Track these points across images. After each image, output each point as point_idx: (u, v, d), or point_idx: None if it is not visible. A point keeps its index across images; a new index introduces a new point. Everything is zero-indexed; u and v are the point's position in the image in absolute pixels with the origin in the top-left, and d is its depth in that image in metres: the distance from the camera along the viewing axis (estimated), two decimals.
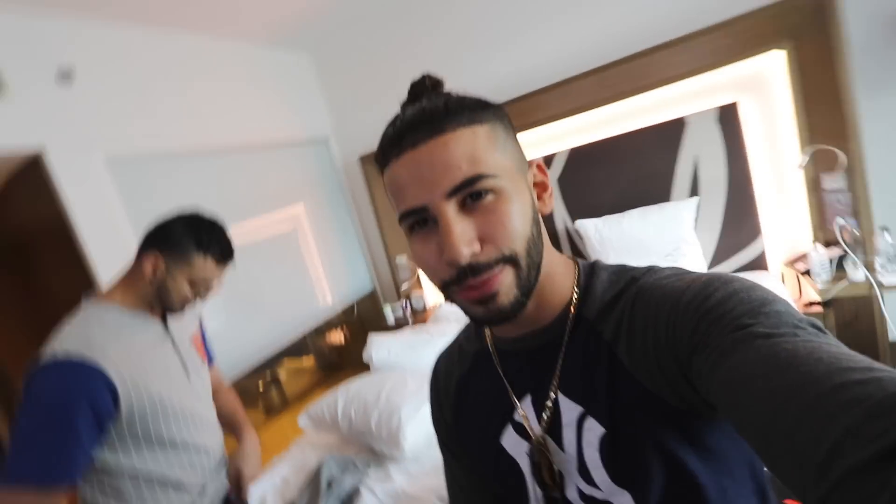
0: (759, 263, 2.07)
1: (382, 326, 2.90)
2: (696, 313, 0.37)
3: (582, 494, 0.46)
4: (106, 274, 1.72)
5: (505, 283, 0.41)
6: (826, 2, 1.62)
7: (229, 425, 1.16)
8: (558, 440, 0.47)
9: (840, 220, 1.80)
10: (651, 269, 0.46)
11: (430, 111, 0.41)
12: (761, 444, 0.30)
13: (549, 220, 2.44)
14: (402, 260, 3.00)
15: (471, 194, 0.40)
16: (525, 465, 0.50)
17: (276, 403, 3.30)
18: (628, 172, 2.22)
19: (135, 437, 0.87)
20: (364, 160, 2.83)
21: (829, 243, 1.86)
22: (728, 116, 1.97)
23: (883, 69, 1.76)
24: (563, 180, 2.37)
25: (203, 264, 0.93)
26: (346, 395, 1.61)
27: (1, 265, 2.57)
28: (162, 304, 0.95)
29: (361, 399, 1.55)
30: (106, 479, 0.87)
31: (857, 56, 1.69)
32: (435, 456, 1.43)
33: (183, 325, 1.06)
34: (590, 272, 0.49)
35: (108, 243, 1.74)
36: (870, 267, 1.72)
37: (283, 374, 3.55)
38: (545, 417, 0.48)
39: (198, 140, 2.15)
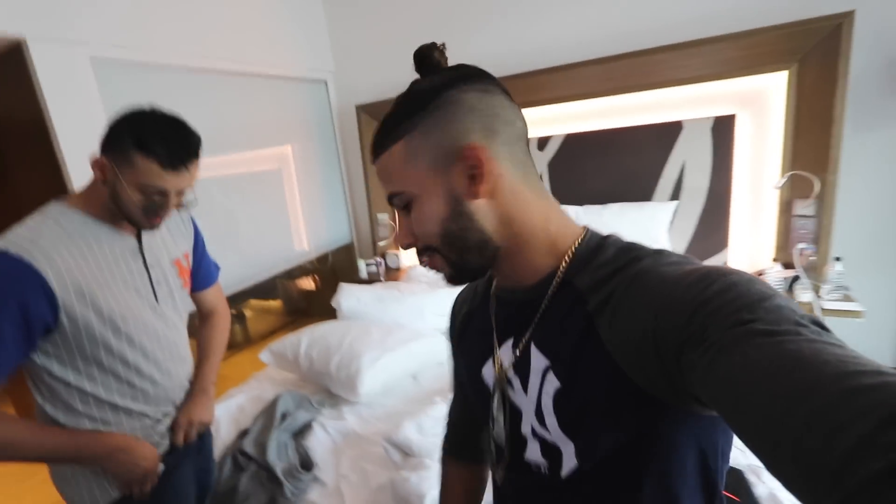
0: None
1: (355, 279, 2.93)
2: (692, 304, 0.37)
3: (534, 432, 0.52)
4: (80, 181, 1.68)
5: (438, 264, 0.53)
6: (842, 29, 1.65)
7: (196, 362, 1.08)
8: (524, 383, 0.53)
9: (801, 245, 1.91)
10: (658, 253, 0.47)
11: (375, 135, 0.51)
12: (765, 448, 0.29)
13: None
14: (384, 218, 3.01)
15: (396, 203, 0.51)
16: (496, 395, 0.58)
17: (238, 340, 3.32)
18: (617, 167, 2.27)
19: (83, 354, 0.83)
20: (361, 109, 2.78)
21: (787, 265, 1.97)
22: (723, 127, 2.02)
23: (874, 108, 1.83)
24: (553, 164, 2.40)
25: (148, 168, 0.81)
26: (310, 337, 1.66)
27: None
28: (123, 214, 0.85)
29: (325, 342, 1.60)
30: (56, 390, 0.84)
31: (854, 90, 1.75)
32: (388, 404, 1.51)
33: (165, 243, 0.98)
34: (596, 245, 0.50)
35: (86, 148, 1.69)
36: (817, 291, 1.85)
37: (248, 311, 3.57)
38: (513, 360, 0.54)
39: (191, 57, 2.07)
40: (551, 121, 2.38)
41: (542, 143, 2.39)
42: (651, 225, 2.14)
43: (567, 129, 2.35)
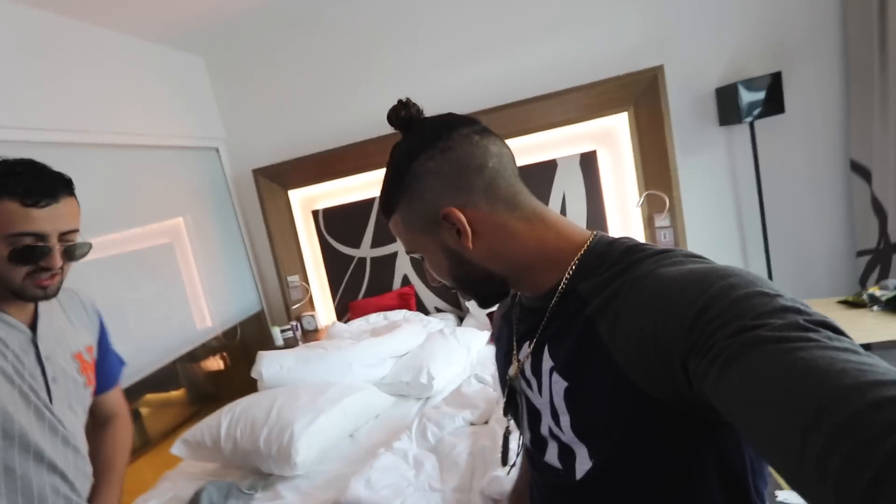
0: None
1: (270, 349, 2.75)
2: (691, 308, 0.36)
3: (551, 432, 0.54)
4: None
5: (463, 296, 0.66)
6: (657, 78, 2.10)
7: (95, 474, 0.93)
8: (539, 383, 0.55)
9: None
10: (662, 252, 0.46)
11: (379, 203, 0.60)
12: (786, 464, 0.28)
13: None
14: (295, 280, 2.92)
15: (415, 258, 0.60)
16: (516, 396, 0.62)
17: (135, 444, 2.86)
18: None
19: None
20: (258, 172, 2.73)
21: None
22: (588, 161, 2.38)
23: (693, 134, 2.31)
24: None
25: (8, 211, 0.70)
26: (230, 415, 1.52)
27: None
28: (9, 291, 0.75)
29: (249, 417, 1.48)
30: None
31: (676, 122, 2.20)
32: (328, 470, 1.43)
33: (64, 334, 0.87)
34: (602, 250, 0.50)
35: None
36: None
37: (144, 409, 3.12)
38: (527, 363, 0.57)
39: (64, 132, 1.90)
40: None
41: None
42: None
43: None
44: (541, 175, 2.45)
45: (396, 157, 0.55)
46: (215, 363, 3.37)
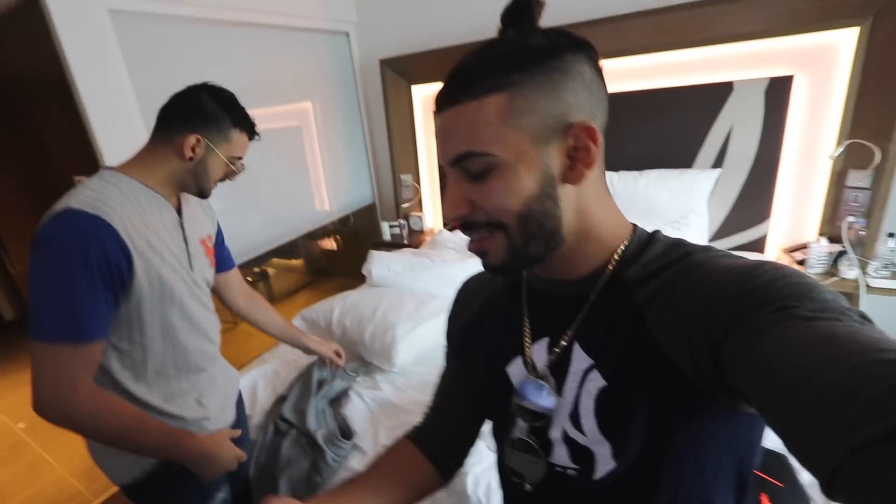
0: (757, 246, 2.10)
1: (377, 241, 2.91)
2: (740, 291, 0.37)
3: (565, 436, 0.50)
4: (105, 137, 1.63)
5: (495, 246, 0.47)
6: None
7: (283, 330, 1.29)
8: (560, 384, 0.50)
9: (850, 219, 1.81)
10: (706, 248, 0.46)
11: (455, 77, 0.43)
12: (780, 417, 0.30)
13: None
14: (407, 179, 2.94)
15: (469, 166, 0.44)
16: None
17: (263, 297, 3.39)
18: (658, 131, 2.14)
19: (139, 319, 0.85)
20: (385, 63, 2.63)
21: (832, 239, 1.88)
22: (778, 90, 1.87)
23: None
24: None
25: (240, 140, 0.94)
26: (342, 305, 1.66)
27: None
28: (197, 186, 0.93)
29: (358, 311, 1.60)
30: (116, 361, 0.86)
31: None
32: (422, 373, 1.52)
33: (196, 221, 1.02)
34: (645, 241, 0.49)
35: (109, 105, 1.64)
36: (864, 268, 1.77)
37: (271, 269, 3.61)
38: (551, 359, 0.51)
39: (210, 8, 1.95)
40: None
41: None
42: (690, 194, 2.04)
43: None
44: (705, 100, 2.00)
45: (538, 38, 0.42)
46: (329, 244, 3.71)
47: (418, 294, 1.71)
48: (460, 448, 0.70)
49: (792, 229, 2.07)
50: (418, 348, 1.52)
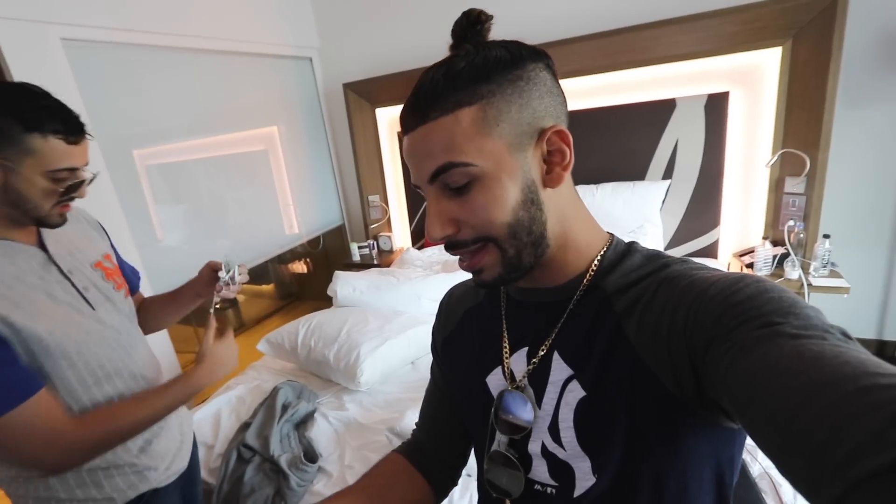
0: (710, 251, 2.21)
1: (347, 262, 2.91)
2: (722, 305, 0.37)
3: (544, 450, 0.49)
4: None
5: (488, 261, 0.46)
6: (835, 4, 1.63)
7: (171, 303, 1.08)
8: (539, 395, 0.49)
9: (791, 223, 1.93)
10: (684, 260, 0.46)
11: (421, 96, 0.43)
12: (774, 442, 0.29)
13: None
14: (375, 199, 2.97)
15: (449, 181, 0.43)
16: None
17: (232, 325, 3.32)
18: (610, 145, 2.25)
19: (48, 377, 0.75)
20: (348, 87, 2.69)
21: (776, 242, 2.00)
22: (716, 105, 2.00)
23: (866, 86, 1.83)
24: None
25: (52, 147, 0.72)
26: (307, 326, 1.65)
27: None
28: (28, 216, 0.75)
29: (323, 331, 1.60)
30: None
31: (847, 65, 1.74)
32: (389, 391, 1.52)
33: (77, 247, 0.87)
34: (623, 251, 0.49)
35: None
36: (805, 269, 1.89)
37: (240, 296, 3.54)
38: (530, 370, 0.50)
39: (170, 36, 1.96)
40: None
41: None
42: (643, 204, 2.14)
43: None
44: (652, 116, 2.13)
45: (497, 50, 0.42)
46: (300, 267, 3.69)
47: (383, 312, 1.72)
48: (455, 464, 0.66)
49: (740, 234, 2.19)
50: (384, 366, 1.52)
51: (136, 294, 1.07)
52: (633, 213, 2.16)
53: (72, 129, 0.74)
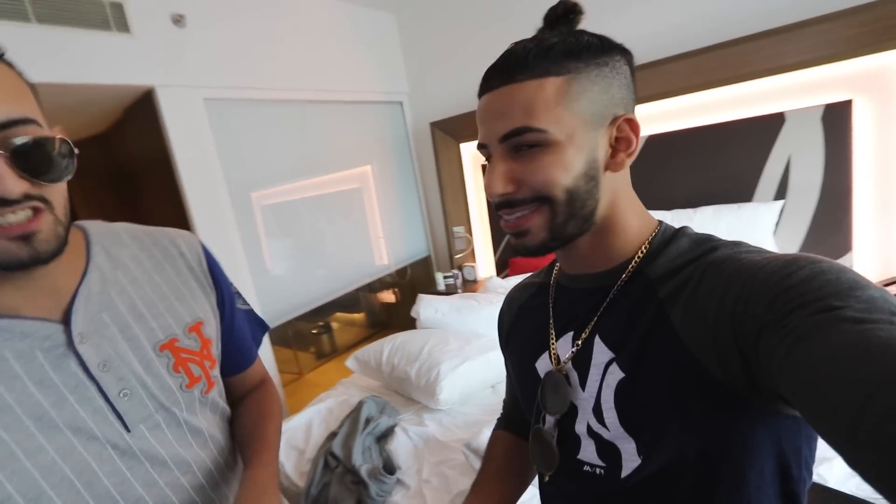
0: None
1: (432, 292, 2.99)
2: (774, 289, 0.35)
3: (590, 430, 0.50)
4: (196, 204, 1.92)
5: (536, 223, 0.47)
6: None
7: (242, 447, 0.65)
8: (583, 377, 0.50)
9: None
10: (735, 243, 0.45)
11: (511, 58, 0.45)
12: (842, 434, 0.27)
13: None
14: (460, 230, 3.05)
15: (520, 143, 0.45)
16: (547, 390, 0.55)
17: (326, 349, 3.55)
18: (708, 167, 2.10)
19: None
20: (434, 126, 2.87)
21: None
22: (836, 116, 1.79)
23: None
24: (635, 168, 2.25)
25: None
26: (391, 345, 1.72)
27: (113, 191, 2.93)
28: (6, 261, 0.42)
29: (406, 350, 1.65)
30: None
31: None
32: (468, 412, 1.50)
33: (141, 312, 0.55)
34: (670, 236, 0.49)
35: (200, 178, 1.94)
36: None
37: (335, 323, 3.79)
38: (574, 353, 0.52)
39: (284, 91, 2.29)
40: None
41: None
42: (751, 228, 1.93)
43: (649, 129, 2.23)
44: (757, 133, 1.95)
45: (587, 36, 0.45)
46: (388, 296, 3.86)
47: (464, 334, 1.73)
48: None
49: (883, 260, 1.86)
50: (462, 386, 1.51)
51: (248, 370, 0.72)
52: (739, 238, 1.95)
53: None
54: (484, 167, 2.91)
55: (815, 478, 0.99)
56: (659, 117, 2.19)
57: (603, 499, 0.50)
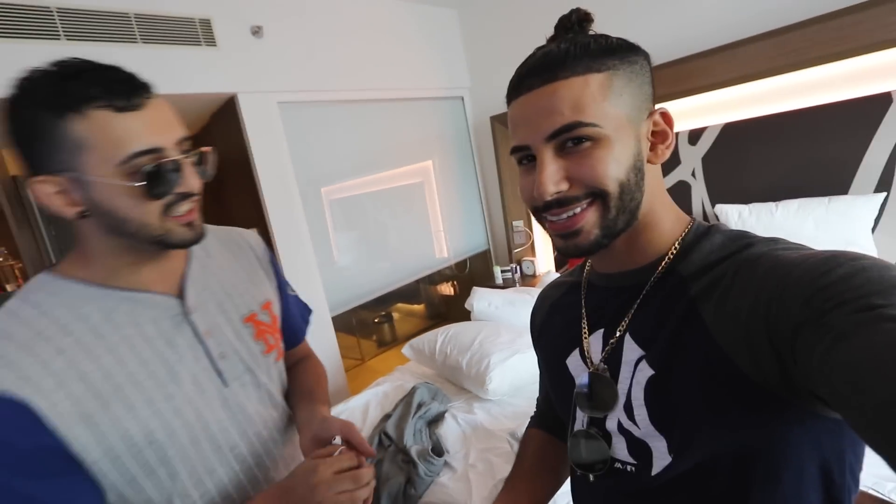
0: None
1: (491, 285, 3.01)
2: (812, 287, 0.34)
3: (621, 427, 0.50)
4: (271, 201, 2.10)
5: (589, 220, 0.46)
6: None
7: (298, 395, 0.74)
8: (615, 375, 0.50)
9: None
10: (772, 239, 0.44)
11: (550, 58, 0.45)
12: (886, 437, 0.26)
13: (684, 198, 2.23)
14: (519, 225, 3.03)
15: (569, 139, 0.44)
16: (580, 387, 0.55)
17: (387, 338, 3.71)
18: (794, 157, 1.90)
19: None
20: (495, 120, 2.87)
21: None
22: None
23: None
24: (708, 159, 2.12)
25: (96, 128, 0.48)
26: (445, 335, 1.77)
27: (205, 191, 3.26)
28: (151, 244, 0.54)
29: (458, 340, 1.69)
30: None
31: None
32: (517, 404, 1.52)
33: (225, 291, 0.66)
34: (703, 233, 0.49)
35: (274, 175, 2.12)
36: None
37: (395, 314, 3.95)
38: (606, 350, 0.52)
39: (350, 92, 2.42)
40: (703, 111, 2.11)
41: (694, 136, 2.14)
42: (844, 223, 1.73)
43: (724, 118, 2.06)
44: (855, 117, 1.73)
45: (617, 39, 0.47)
46: (447, 289, 3.94)
47: (516, 327, 1.74)
48: None
49: None
50: (512, 377, 1.53)
51: (297, 347, 0.84)
52: (829, 235, 1.75)
53: (117, 89, 0.49)
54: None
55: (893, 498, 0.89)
56: (735, 104, 2.02)
57: (634, 496, 0.50)
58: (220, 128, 2.34)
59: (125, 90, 0.50)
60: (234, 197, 2.58)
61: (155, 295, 0.59)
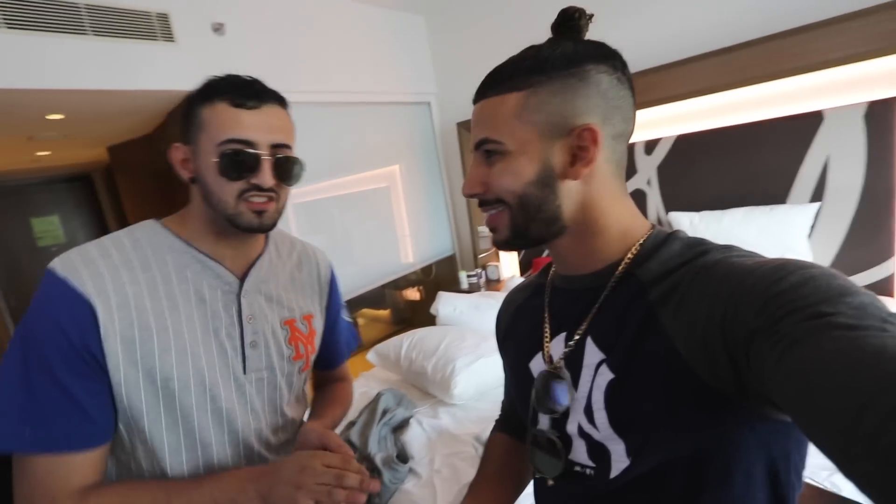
0: (884, 287, 1.80)
1: (456, 290, 3.02)
2: (764, 295, 0.35)
3: (581, 430, 0.51)
4: None
5: (501, 222, 0.52)
6: None
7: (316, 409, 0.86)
8: (576, 378, 0.51)
9: None
10: (727, 247, 0.45)
11: (491, 75, 0.50)
12: (836, 443, 0.27)
13: (640, 206, 2.33)
14: (484, 230, 3.07)
15: (486, 151, 0.50)
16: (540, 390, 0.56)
17: None
18: (738, 168, 2.03)
19: (138, 428, 0.61)
20: (461, 126, 2.90)
21: None
22: (880, 114, 1.69)
23: None
24: (663, 168, 2.23)
25: (218, 115, 0.61)
26: (410, 340, 1.77)
27: (157, 186, 3.12)
28: (218, 212, 0.64)
29: (423, 345, 1.69)
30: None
31: None
32: (482, 408, 1.53)
33: (279, 293, 0.74)
34: (662, 239, 0.50)
35: None
36: None
37: (361, 319, 3.89)
38: (566, 353, 0.52)
39: (315, 93, 2.39)
40: (658, 123, 2.22)
41: (650, 146, 2.25)
42: (783, 230, 1.86)
43: (678, 130, 2.18)
44: (792, 132, 1.87)
45: (565, 46, 0.48)
46: (413, 294, 3.92)
47: (481, 331, 1.76)
48: None
49: None
50: (478, 382, 1.54)
51: (335, 370, 0.92)
52: (770, 241, 1.88)
53: (243, 91, 0.62)
54: None
55: (829, 486, 0.96)
56: (687, 117, 2.14)
57: (592, 499, 0.51)
58: (176, 127, 2.25)
59: (246, 93, 0.62)
60: (189, 197, 2.48)
61: (223, 268, 0.67)
